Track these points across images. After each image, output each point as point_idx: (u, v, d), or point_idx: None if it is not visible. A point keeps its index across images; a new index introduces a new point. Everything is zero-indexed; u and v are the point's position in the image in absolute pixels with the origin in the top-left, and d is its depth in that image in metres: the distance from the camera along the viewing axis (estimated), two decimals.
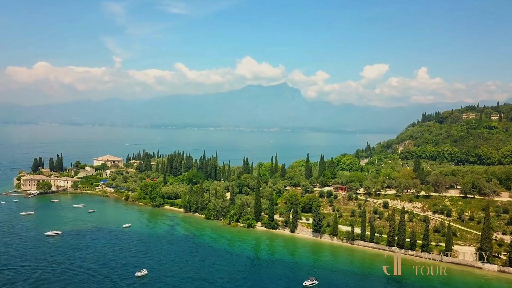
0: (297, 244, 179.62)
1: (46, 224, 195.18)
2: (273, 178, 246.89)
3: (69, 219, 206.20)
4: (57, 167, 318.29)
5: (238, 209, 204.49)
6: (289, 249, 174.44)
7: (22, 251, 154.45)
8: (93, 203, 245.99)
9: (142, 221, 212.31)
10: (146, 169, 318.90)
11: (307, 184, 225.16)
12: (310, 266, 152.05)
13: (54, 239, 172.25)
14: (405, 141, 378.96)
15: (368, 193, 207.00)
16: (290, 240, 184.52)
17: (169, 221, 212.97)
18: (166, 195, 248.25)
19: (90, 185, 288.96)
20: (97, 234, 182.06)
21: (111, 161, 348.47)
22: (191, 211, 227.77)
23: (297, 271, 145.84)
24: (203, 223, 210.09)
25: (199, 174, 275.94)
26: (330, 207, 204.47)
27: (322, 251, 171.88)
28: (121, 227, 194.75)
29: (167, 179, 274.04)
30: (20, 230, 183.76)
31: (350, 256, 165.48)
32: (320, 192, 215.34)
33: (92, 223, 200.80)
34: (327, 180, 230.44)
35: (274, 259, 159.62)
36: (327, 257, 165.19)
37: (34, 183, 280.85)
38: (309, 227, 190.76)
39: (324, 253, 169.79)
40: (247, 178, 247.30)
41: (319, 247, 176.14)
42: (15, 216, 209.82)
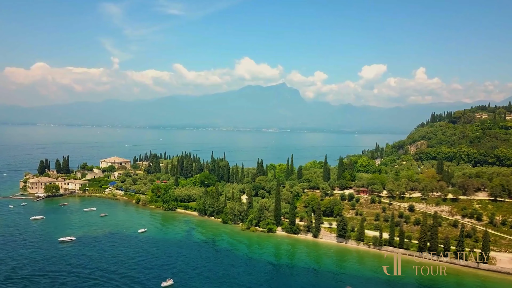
0: (322, 250, 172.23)
1: (58, 229, 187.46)
2: (290, 180, 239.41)
3: (81, 224, 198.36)
4: (63, 169, 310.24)
5: (257, 213, 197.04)
6: (315, 255, 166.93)
7: (37, 259, 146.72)
8: (104, 207, 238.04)
9: (157, 225, 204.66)
10: (155, 171, 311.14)
11: (326, 187, 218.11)
12: (341, 274, 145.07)
13: (68, 246, 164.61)
14: (417, 142, 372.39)
15: (392, 196, 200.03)
16: (314, 246, 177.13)
17: (184, 225, 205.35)
18: (179, 198, 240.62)
19: (98, 187, 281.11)
20: (113, 240, 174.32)
21: (118, 163, 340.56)
22: (207, 215, 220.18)
23: (329, 280, 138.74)
24: (220, 227, 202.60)
25: (211, 176, 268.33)
26: (353, 211, 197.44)
27: (349, 257, 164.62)
28: (137, 232, 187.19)
29: (179, 182, 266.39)
30: (31, 236, 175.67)
31: (380, 263, 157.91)
32: (341, 195, 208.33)
33: (106, 228, 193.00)
34: (346, 182, 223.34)
35: (302, 266, 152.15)
36: (356, 264, 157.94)
37: (41, 186, 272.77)
38: (333, 232, 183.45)
39: (351, 259, 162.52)
40: (263, 180, 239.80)
41: (345, 253, 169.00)
42: (24, 221, 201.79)
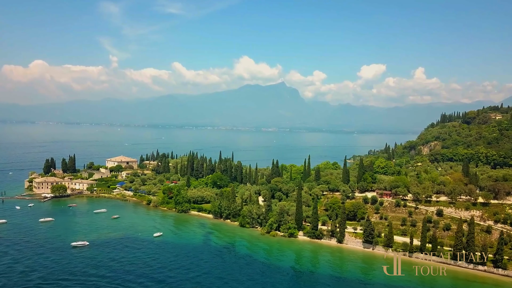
0: (348, 257, 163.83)
1: (69, 232, 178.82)
2: (307, 182, 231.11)
3: (93, 227, 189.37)
4: (70, 168, 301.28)
5: (277, 216, 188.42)
6: (340, 262, 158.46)
7: (51, 266, 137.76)
8: (114, 208, 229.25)
9: (171, 229, 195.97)
10: (164, 171, 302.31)
11: (347, 189, 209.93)
12: (368, 283, 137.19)
13: (82, 250, 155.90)
14: (430, 143, 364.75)
15: (417, 199, 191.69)
16: (339, 252, 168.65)
17: (201, 229, 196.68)
18: (192, 200, 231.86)
19: (106, 188, 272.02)
20: (127, 245, 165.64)
21: (124, 162, 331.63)
22: (222, 218, 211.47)
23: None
24: (238, 231, 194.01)
25: (223, 177, 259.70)
26: (377, 215, 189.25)
27: (378, 264, 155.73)
28: (152, 236, 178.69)
29: (190, 182, 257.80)
30: (42, 240, 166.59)
31: (413, 272, 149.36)
32: (364, 198, 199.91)
33: (119, 231, 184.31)
34: (367, 185, 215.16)
35: (328, 274, 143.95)
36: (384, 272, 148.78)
37: (47, 186, 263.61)
38: (358, 237, 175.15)
39: (380, 267, 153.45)
40: (278, 182, 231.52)
41: (373, 260, 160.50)
42: (34, 223, 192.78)
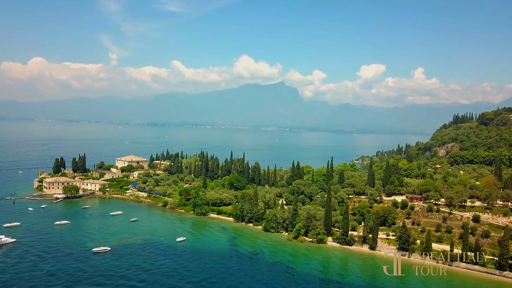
0: (383, 264, 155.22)
1: (88, 237, 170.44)
2: (330, 185, 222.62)
3: (111, 231, 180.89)
4: (80, 168, 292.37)
5: (305, 221, 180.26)
6: (379, 271, 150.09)
7: (76, 273, 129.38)
8: (130, 211, 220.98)
9: (193, 233, 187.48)
10: (177, 171, 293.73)
11: (375, 193, 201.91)
12: None
13: (104, 256, 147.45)
14: (447, 144, 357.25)
15: (450, 204, 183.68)
16: (373, 259, 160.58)
17: (223, 233, 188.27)
18: (210, 202, 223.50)
19: (119, 188, 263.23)
20: (151, 250, 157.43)
21: (135, 162, 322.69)
22: (244, 221, 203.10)
23: None
24: (263, 236, 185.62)
25: (241, 178, 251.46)
26: (408, 220, 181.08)
27: (415, 274, 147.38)
28: (175, 241, 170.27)
29: (207, 184, 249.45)
30: (61, 244, 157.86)
31: (451, 281, 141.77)
32: (393, 202, 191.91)
33: (140, 235, 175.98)
34: (395, 188, 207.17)
35: (373, 286, 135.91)
36: (422, 282, 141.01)
37: (58, 186, 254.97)
38: (391, 243, 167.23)
39: (418, 277, 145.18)
40: (300, 184, 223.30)
41: (410, 269, 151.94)
42: (49, 226, 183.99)
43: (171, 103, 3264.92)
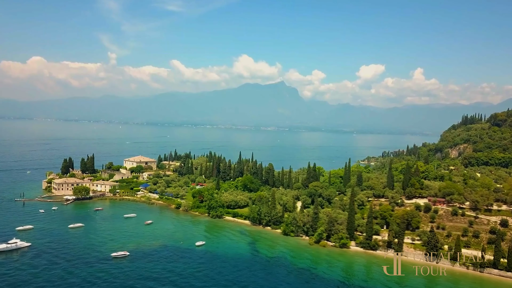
0: (412, 271, 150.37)
1: (104, 240, 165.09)
2: (348, 187, 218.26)
3: (127, 234, 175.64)
4: (89, 168, 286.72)
5: (326, 225, 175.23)
6: (408, 278, 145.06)
7: (97, 282, 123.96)
8: (143, 213, 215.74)
9: (211, 237, 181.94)
10: (187, 172, 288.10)
11: (396, 196, 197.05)
12: None
13: (124, 262, 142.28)
14: (459, 145, 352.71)
15: (475, 208, 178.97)
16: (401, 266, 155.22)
17: (242, 237, 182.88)
18: (225, 204, 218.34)
19: (129, 189, 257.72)
20: (170, 255, 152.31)
21: (143, 162, 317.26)
22: (262, 225, 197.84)
23: None
24: (283, 240, 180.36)
25: (255, 180, 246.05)
26: (432, 224, 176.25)
27: (447, 283, 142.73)
28: (194, 246, 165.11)
29: (220, 185, 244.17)
30: (78, 249, 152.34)
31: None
32: (416, 206, 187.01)
33: (157, 239, 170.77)
34: (415, 191, 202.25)
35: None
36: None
37: (68, 187, 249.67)
38: (417, 248, 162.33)
39: (448, 285, 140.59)
40: (317, 187, 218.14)
41: (440, 276, 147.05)
42: (63, 229, 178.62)
43: (171, 103, 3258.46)
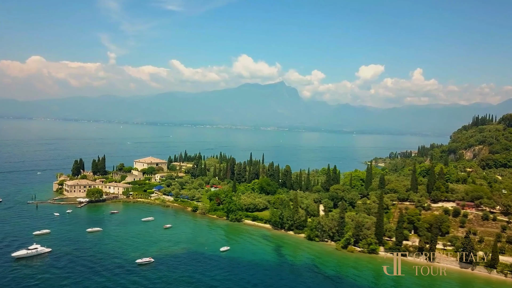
0: (444, 278, 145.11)
1: (125, 246, 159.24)
2: (371, 190, 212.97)
3: (147, 239, 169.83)
4: (100, 170, 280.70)
5: (354, 230, 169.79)
6: (441, 286, 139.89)
7: None
8: (160, 216, 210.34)
9: (234, 242, 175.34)
10: (200, 174, 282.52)
11: (422, 199, 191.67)
12: None
13: (150, 269, 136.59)
14: (473, 147, 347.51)
15: (506, 212, 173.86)
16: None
17: (266, 242, 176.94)
18: (244, 207, 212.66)
19: (143, 192, 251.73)
20: (196, 262, 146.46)
21: (154, 164, 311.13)
22: (284, 229, 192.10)
23: None
24: (307, 245, 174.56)
25: (272, 182, 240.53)
26: (462, 229, 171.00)
27: None
28: (219, 251, 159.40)
29: (237, 188, 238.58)
30: (101, 255, 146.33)
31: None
32: (444, 210, 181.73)
33: (180, 244, 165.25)
34: (441, 194, 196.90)
35: None
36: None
37: (80, 189, 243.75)
38: (450, 254, 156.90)
39: None
40: (339, 189, 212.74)
41: (474, 284, 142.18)
42: (81, 233, 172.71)
43: (170, 102, 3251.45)
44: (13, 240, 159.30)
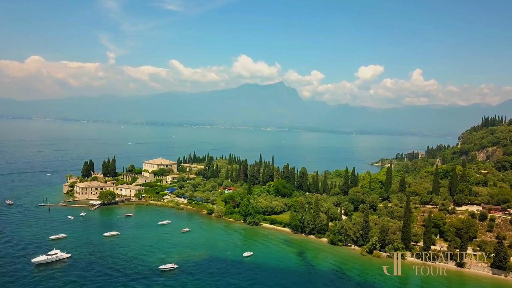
0: (473, 285, 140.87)
1: (145, 251, 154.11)
2: (391, 193, 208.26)
3: (166, 244, 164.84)
4: (111, 171, 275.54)
5: (379, 234, 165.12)
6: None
7: None
8: (176, 219, 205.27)
9: (255, 247, 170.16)
10: (212, 175, 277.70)
11: (446, 203, 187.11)
12: None
13: (173, 276, 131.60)
14: (486, 148, 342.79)
15: None
16: (460, 278, 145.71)
17: (288, 247, 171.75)
18: (261, 211, 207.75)
19: (155, 194, 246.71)
20: (221, 268, 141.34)
21: (164, 165, 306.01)
22: (304, 233, 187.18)
23: None
24: (331, 250, 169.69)
25: (288, 184, 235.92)
26: (490, 234, 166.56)
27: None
28: (242, 257, 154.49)
29: (252, 190, 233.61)
30: (123, 261, 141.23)
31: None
32: (471, 213, 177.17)
33: (200, 249, 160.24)
34: (464, 197, 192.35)
35: None
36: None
37: (91, 191, 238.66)
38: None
39: None
40: (359, 192, 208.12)
41: None
42: (98, 238, 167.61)
43: (170, 103, 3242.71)
44: (29, 244, 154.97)
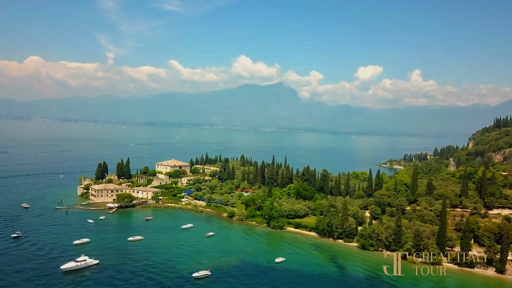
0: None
1: (173, 257, 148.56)
2: (418, 196, 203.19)
3: (195, 249, 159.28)
4: (125, 173, 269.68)
5: (414, 239, 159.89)
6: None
7: None
8: (197, 222, 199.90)
9: (285, 252, 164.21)
10: (228, 177, 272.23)
11: (478, 206, 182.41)
12: None
13: (208, 284, 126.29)
14: (503, 150, 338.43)
15: None
16: (500, 286, 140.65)
17: (319, 252, 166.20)
18: (284, 214, 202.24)
19: (172, 196, 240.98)
20: (254, 276, 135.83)
21: (177, 167, 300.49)
22: (333, 237, 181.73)
23: None
24: (362, 255, 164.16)
25: (309, 187, 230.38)
26: None
27: None
28: (274, 262, 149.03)
29: (272, 193, 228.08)
30: (152, 269, 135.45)
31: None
32: (506, 217, 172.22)
33: (230, 255, 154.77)
34: (496, 200, 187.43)
35: None
36: None
37: (107, 194, 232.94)
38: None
39: None
40: (385, 195, 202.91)
41: None
42: (122, 242, 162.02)
43: (169, 103, 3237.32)
44: (53, 248, 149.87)
